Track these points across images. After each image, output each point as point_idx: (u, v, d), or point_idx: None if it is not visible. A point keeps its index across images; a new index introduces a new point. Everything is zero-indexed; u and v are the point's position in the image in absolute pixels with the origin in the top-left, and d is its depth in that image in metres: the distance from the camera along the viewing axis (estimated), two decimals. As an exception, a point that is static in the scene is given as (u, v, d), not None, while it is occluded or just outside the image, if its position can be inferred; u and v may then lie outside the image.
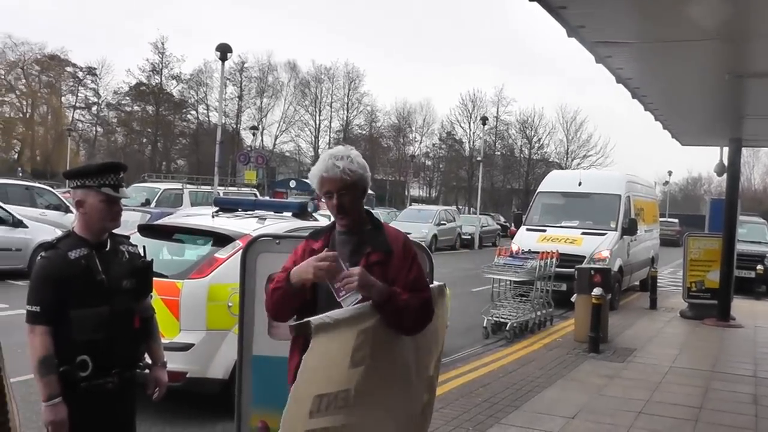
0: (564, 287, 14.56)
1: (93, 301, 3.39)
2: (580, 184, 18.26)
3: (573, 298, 12.44)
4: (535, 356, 10.60)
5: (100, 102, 73.73)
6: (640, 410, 7.89)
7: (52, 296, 3.35)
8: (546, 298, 13.28)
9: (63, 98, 72.93)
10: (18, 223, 16.04)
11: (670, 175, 74.60)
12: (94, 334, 3.37)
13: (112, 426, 3.53)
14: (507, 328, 11.91)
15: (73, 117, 73.05)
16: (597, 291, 11.14)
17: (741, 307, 16.07)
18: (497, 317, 12.36)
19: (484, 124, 51.57)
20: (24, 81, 69.37)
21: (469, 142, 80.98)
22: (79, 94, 73.58)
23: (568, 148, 79.48)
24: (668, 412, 7.91)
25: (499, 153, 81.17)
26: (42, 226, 16.91)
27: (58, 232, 13.87)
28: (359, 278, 3.12)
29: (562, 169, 58.83)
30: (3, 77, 67.70)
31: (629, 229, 17.21)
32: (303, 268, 3.22)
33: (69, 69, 71.57)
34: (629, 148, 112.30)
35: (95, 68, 72.02)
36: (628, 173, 19.56)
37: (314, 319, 2.98)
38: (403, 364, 3.28)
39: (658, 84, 10.15)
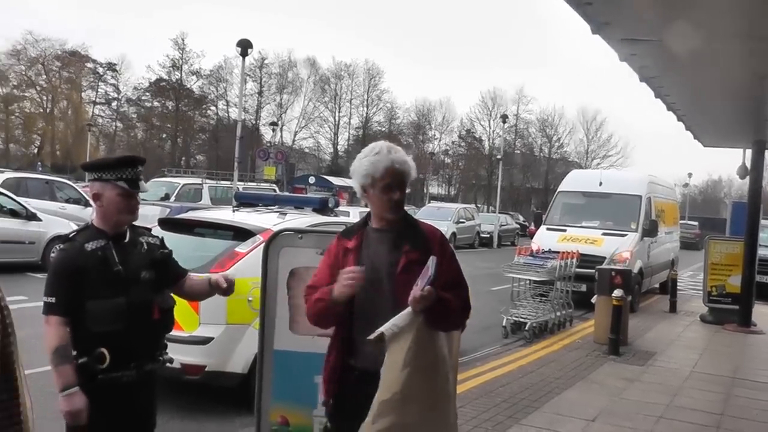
0: (584, 288, 14.44)
1: (109, 292, 3.37)
2: (600, 184, 18.10)
3: (593, 299, 12.34)
4: (554, 357, 10.52)
5: (120, 97, 74.38)
6: (660, 415, 7.80)
7: (68, 288, 3.34)
8: (566, 298, 13.19)
9: (83, 94, 73.50)
10: (32, 216, 16.07)
11: (690, 177, 73.96)
12: (111, 326, 3.35)
13: (131, 419, 3.50)
14: (526, 328, 11.84)
15: (93, 112, 73.53)
16: (617, 292, 11.04)
17: (763, 313, 15.84)
18: (517, 317, 12.29)
19: (504, 122, 51.57)
20: (44, 77, 69.87)
21: (488, 140, 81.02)
22: (99, 90, 74.30)
23: (588, 148, 79.48)
24: (689, 417, 7.81)
25: (518, 151, 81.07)
26: (56, 219, 16.99)
27: (73, 226, 14.00)
28: (429, 297, 3.10)
29: (582, 168, 58.50)
30: (24, 73, 68.27)
31: (650, 230, 17.03)
32: (338, 284, 3.26)
33: (89, 65, 72.13)
34: (649, 148, 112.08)
35: (115, 64, 72.69)
36: (649, 174, 19.39)
37: (386, 330, 3.05)
38: (441, 359, 3.27)
39: (681, 83, 10.03)
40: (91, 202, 3.61)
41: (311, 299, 3.40)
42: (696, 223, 55.25)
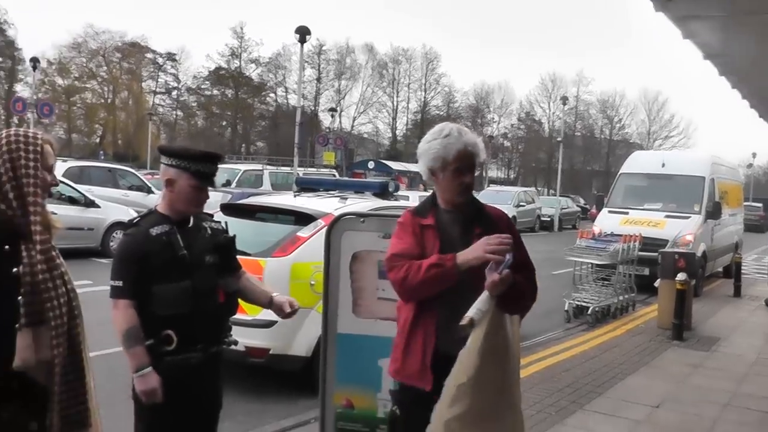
0: (647, 272, 14.22)
1: (175, 276, 3.41)
2: (663, 165, 17.74)
3: (656, 284, 12.14)
4: (617, 342, 10.40)
5: (180, 87, 75.41)
6: (726, 402, 7.64)
7: (134, 271, 3.38)
8: (629, 282, 13.00)
9: (143, 84, 74.77)
10: (90, 203, 16.38)
11: (754, 157, 71.75)
12: (177, 309, 3.39)
13: (198, 399, 3.56)
14: (589, 312, 11.71)
15: (153, 102, 74.77)
16: (681, 276, 10.83)
17: (830, 296, 15.44)
18: (579, 301, 12.16)
19: (564, 104, 50.87)
20: (105, 68, 71.21)
21: (548, 122, 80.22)
22: (159, 80, 75.46)
23: (649, 129, 78.07)
24: (756, 405, 7.63)
25: (579, 134, 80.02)
26: (115, 206, 17.36)
27: (132, 212, 14.26)
28: (507, 281, 3.10)
29: (644, 150, 57.45)
30: (85, 65, 69.73)
31: (713, 212, 16.64)
32: (474, 252, 3.14)
33: (149, 55, 73.30)
34: (711, 128, 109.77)
35: (175, 54, 73.70)
36: (712, 154, 18.94)
37: (475, 315, 3.02)
38: (511, 343, 3.27)
39: (749, 59, 9.78)
40: (154, 189, 3.65)
41: (418, 266, 3.20)
42: (760, 205, 53.62)
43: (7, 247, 2.68)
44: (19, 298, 2.66)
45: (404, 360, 3.35)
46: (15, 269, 2.67)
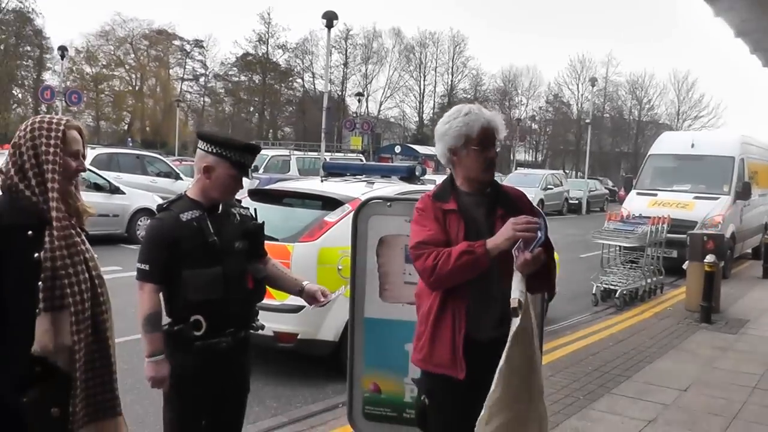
0: (675, 254, 14.14)
1: (206, 262, 3.43)
2: (692, 145, 17.57)
3: (684, 266, 12.06)
4: (645, 325, 10.36)
5: (207, 73, 75.54)
6: (754, 385, 7.58)
7: (163, 256, 3.40)
8: (657, 265, 12.92)
9: (171, 71, 74.90)
10: (115, 190, 16.52)
11: (785, 135, 70.92)
12: (208, 295, 3.42)
13: (227, 383, 3.61)
14: (617, 295, 11.67)
15: (181, 88, 75.03)
16: (710, 258, 10.75)
17: None
18: (607, 284, 12.11)
19: (593, 85, 50.45)
20: (133, 55, 71.52)
21: (576, 104, 79.53)
22: (186, 67, 75.61)
23: (679, 109, 77.09)
24: (785, 387, 7.60)
25: (608, 115, 79.27)
26: (140, 192, 17.51)
27: (158, 199, 14.35)
28: (539, 260, 3.08)
29: (673, 131, 56.85)
30: (113, 53, 70.05)
31: (743, 193, 16.48)
32: (504, 235, 3.10)
33: (176, 42, 73.49)
34: (742, 108, 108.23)
35: (202, 41, 73.88)
36: (743, 134, 18.67)
37: (520, 296, 3.00)
38: (534, 324, 3.23)
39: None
40: (182, 176, 3.67)
41: (447, 254, 3.13)
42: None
43: (30, 232, 2.69)
44: (39, 283, 2.68)
45: (432, 348, 3.28)
46: (36, 254, 2.69)
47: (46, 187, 2.73)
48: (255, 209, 3.92)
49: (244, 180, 3.68)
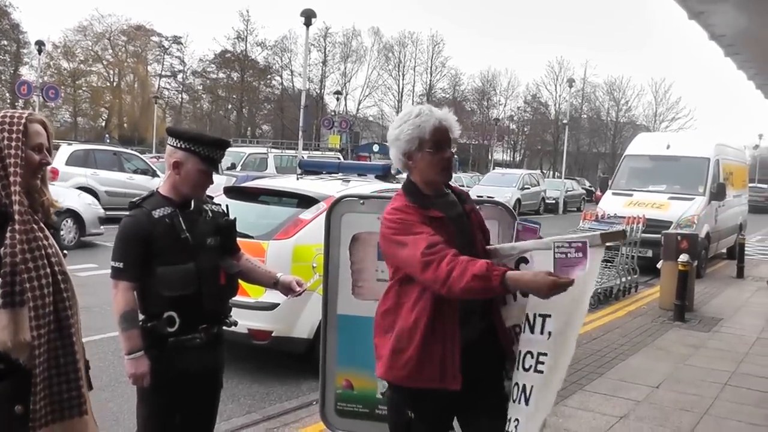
0: (650, 253, 14.26)
1: (178, 258, 3.44)
2: (668, 147, 17.78)
3: (659, 265, 12.18)
4: (619, 323, 10.45)
5: (185, 70, 75.03)
6: (725, 382, 7.70)
7: (136, 253, 3.40)
8: (631, 264, 13.04)
9: (149, 67, 74.45)
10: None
11: (760, 138, 70.94)
12: (181, 291, 3.42)
13: (199, 380, 3.60)
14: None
15: (159, 85, 74.48)
16: (683, 257, 10.86)
17: (834, 278, 15.42)
18: (581, 283, 12.16)
19: (570, 86, 50.75)
20: (111, 51, 71.02)
21: (555, 104, 79.82)
22: (164, 63, 75.10)
23: (656, 111, 77.61)
24: (755, 384, 7.69)
25: (585, 116, 79.67)
26: (65, 190, 17.29)
27: (75, 196, 14.25)
28: None
29: (650, 132, 57.25)
30: (90, 48, 69.49)
31: (717, 193, 16.64)
32: (535, 282, 2.87)
33: (155, 39, 73.00)
34: (718, 110, 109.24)
35: (180, 37, 73.41)
36: (718, 136, 18.90)
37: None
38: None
39: (755, 39, 9.71)
40: (159, 172, 3.67)
41: (461, 269, 2.89)
42: (766, 186, 53.43)
43: None
44: None
45: (421, 365, 3.09)
46: None
47: (8, 181, 2.70)
48: (227, 205, 3.92)
49: (221, 177, 3.67)
